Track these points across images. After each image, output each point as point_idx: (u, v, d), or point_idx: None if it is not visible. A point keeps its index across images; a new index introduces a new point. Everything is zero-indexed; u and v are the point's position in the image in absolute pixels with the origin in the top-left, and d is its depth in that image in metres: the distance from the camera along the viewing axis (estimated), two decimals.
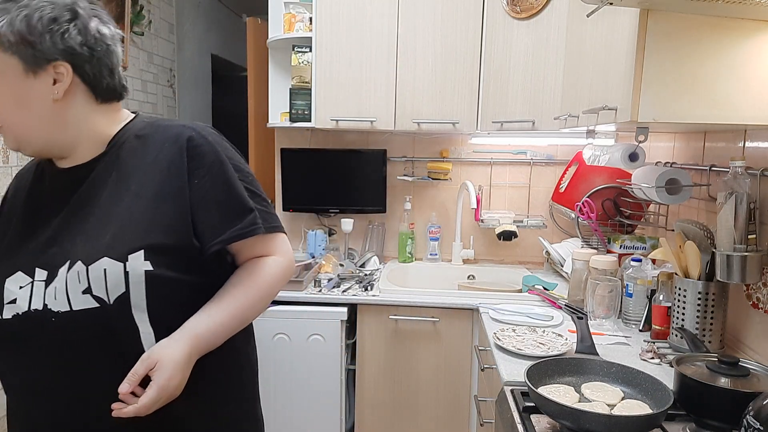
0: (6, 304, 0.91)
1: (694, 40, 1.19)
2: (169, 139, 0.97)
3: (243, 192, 0.99)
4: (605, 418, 1.06)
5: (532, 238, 2.62)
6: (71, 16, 0.91)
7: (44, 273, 0.91)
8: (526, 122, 2.12)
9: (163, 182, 0.94)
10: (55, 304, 0.89)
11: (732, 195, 1.33)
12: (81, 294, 0.88)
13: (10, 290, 0.91)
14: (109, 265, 0.88)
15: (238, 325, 0.98)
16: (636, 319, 1.73)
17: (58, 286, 0.89)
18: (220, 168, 0.97)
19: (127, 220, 0.91)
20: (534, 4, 2.06)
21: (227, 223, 0.96)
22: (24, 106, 0.91)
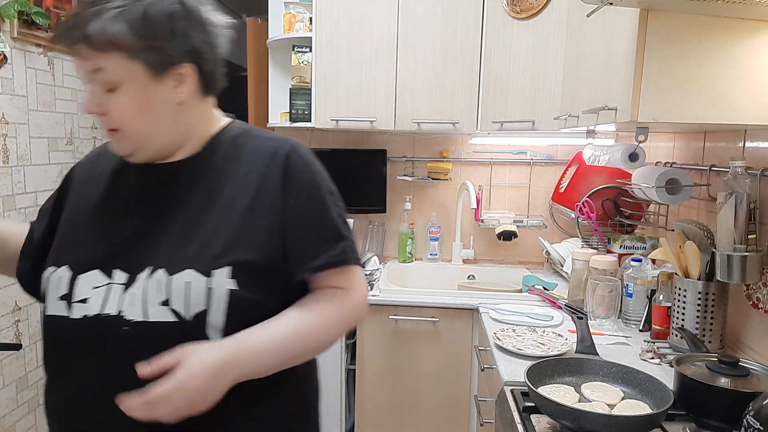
0: (75, 302, 0.84)
1: (694, 40, 1.19)
2: (266, 152, 0.92)
3: (337, 217, 0.93)
4: (605, 418, 1.06)
5: (532, 238, 2.62)
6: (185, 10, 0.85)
7: (124, 276, 0.84)
8: (526, 122, 2.12)
9: (257, 196, 0.88)
10: (131, 312, 0.82)
11: (732, 195, 1.33)
12: (159, 305, 0.82)
13: (82, 288, 0.85)
14: (193, 278, 0.82)
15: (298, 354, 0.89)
16: (636, 319, 1.73)
17: (137, 292, 0.83)
18: (316, 189, 0.92)
19: (215, 232, 0.86)
20: (534, 4, 2.06)
21: (320, 248, 0.90)
22: (147, 111, 0.86)
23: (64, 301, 0.85)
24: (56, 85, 2.08)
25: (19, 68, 1.88)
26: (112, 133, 0.87)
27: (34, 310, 2.01)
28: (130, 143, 0.88)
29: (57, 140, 2.10)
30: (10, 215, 1.87)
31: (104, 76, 0.83)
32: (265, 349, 0.84)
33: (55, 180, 2.11)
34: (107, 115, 0.85)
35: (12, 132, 1.86)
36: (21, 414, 1.96)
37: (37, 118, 1.98)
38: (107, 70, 0.83)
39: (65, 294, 0.85)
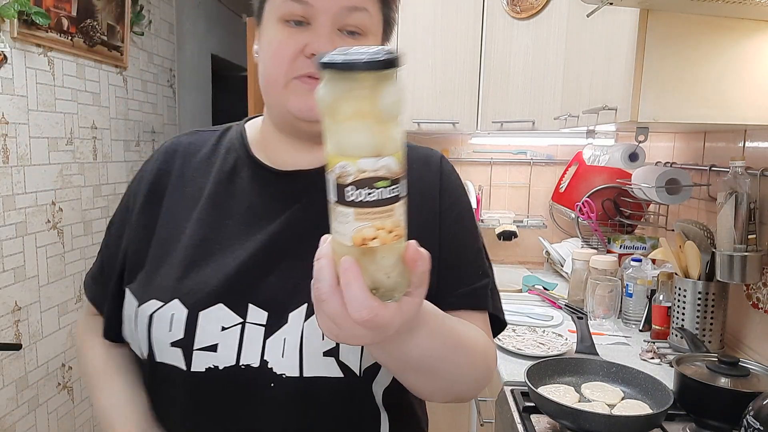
0: (198, 350, 0.65)
1: (694, 40, 1.19)
2: (418, 160, 0.76)
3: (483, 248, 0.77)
4: (605, 418, 1.06)
5: (532, 238, 2.62)
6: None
7: (263, 314, 0.65)
8: (526, 122, 2.12)
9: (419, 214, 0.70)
10: (280, 364, 0.64)
11: (732, 195, 1.33)
12: (322, 356, 0.64)
13: (206, 330, 0.65)
14: None
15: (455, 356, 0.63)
16: (636, 319, 1.73)
17: (289, 338, 0.64)
18: (469, 210, 0.77)
19: None
20: (534, 4, 2.06)
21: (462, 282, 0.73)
22: None
23: (180, 350, 0.65)
24: (56, 85, 2.08)
25: (19, 68, 1.88)
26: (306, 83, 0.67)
27: (34, 310, 2.01)
28: None
29: (57, 140, 2.10)
30: (10, 215, 1.87)
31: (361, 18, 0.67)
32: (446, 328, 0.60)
33: (55, 180, 2.11)
34: None
35: (12, 132, 1.86)
36: (21, 414, 1.95)
37: (37, 118, 1.98)
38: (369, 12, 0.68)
39: (180, 339, 0.65)
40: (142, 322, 0.68)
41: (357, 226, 0.45)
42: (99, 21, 2.29)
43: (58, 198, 2.13)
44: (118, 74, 2.56)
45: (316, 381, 0.64)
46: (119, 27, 2.46)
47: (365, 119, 0.44)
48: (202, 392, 0.66)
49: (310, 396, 0.64)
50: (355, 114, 0.44)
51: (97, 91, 2.37)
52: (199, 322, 0.65)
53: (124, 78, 2.61)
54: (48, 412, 2.10)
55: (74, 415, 2.28)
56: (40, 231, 2.03)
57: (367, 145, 0.44)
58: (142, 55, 2.81)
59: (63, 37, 2.06)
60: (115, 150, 2.53)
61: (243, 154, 0.76)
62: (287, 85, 0.66)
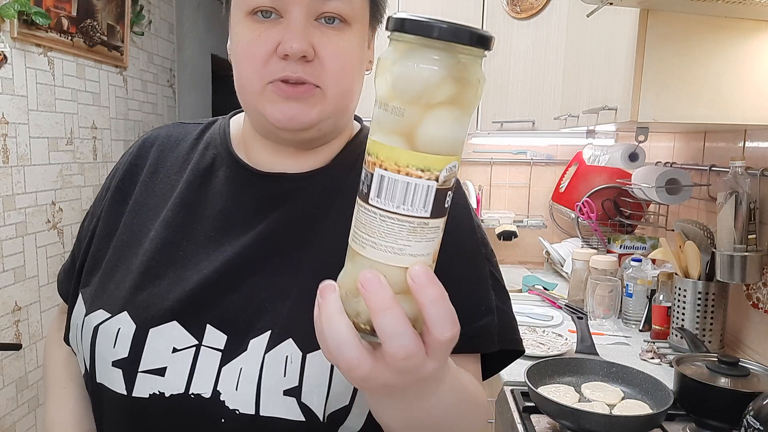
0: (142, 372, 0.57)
1: (694, 39, 1.19)
2: None
3: (487, 280, 0.65)
4: (605, 418, 1.06)
5: (532, 238, 2.62)
6: None
7: (222, 337, 0.57)
8: (526, 122, 2.12)
9: None
10: (234, 398, 0.55)
11: (732, 195, 1.33)
12: (282, 394, 0.55)
13: (155, 350, 0.57)
14: None
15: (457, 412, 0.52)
16: (636, 319, 1.73)
17: (246, 368, 0.55)
18: (476, 237, 0.66)
19: None
20: (534, 4, 2.06)
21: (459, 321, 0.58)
22: (358, 68, 0.63)
23: (120, 370, 0.57)
24: (56, 85, 2.08)
25: (19, 68, 1.88)
26: (305, 91, 0.58)
27: (34, 310, 2.01)
28: (325, 107, 0.59)
29: (57, 140, 2.10)
30: (10, 215, 1.87)
31: (339, 6, 0.58)
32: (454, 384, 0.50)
33: (55, 180, 2.11)
34: (314, 61, 0.57)
35: (12, 132, 1.86)
36: (21, 414, 1.95)
37: (37, 118, 1.98)
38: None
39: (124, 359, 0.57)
40: (86, 334, 0.60)
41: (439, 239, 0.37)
42: (99, 21, 2.29)
43: (58, 198, 2.13)
44: (118, 74, 2.56)
45: (272, 422, 0.54)
46: (119, 27, 2.46)
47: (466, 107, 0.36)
48: (143, 421, 0.57)
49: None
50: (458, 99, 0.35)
51: (97, 91, 2.37)
52: (148, 341, 0.57)
53: (124, 78, 2.61)
54: None
55: None
56: (40, 231, 2.03)
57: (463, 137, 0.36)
58: (142, 55, 2.81)
59: (63, 37, 2.06)
60: (115, 150, 2.53)
61: (223, 150, 0.67)
62: (262, 91, 0.58)
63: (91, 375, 0.60)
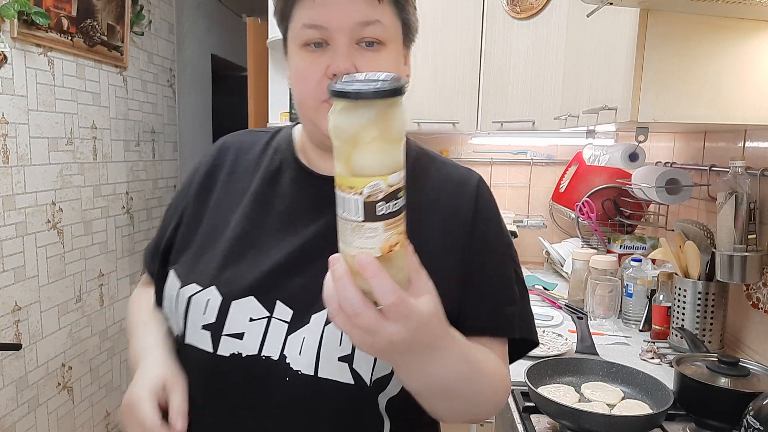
0: (226, 336, 0.69)
1: (694, 39, 1.19)
2: (453, 181, 0.79)
3: (512, 275, 0.77)
4: (605, 418, 1.06)
5: (532, 238, 2.62)
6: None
7: (288, 312, 0.69)
8: (526, 122, 2.12)
9: (446, 234, 0.74)
10: (297, 360, 0.67)
11: (732, 195, 1.33)
12: (337, 360, 0.67)
13: (236, 319, 0.69)
14: None
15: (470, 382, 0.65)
16: (636, 319, 1.73)
17: (308, 338, 0.67)
18: (502, 237, 0.78)
19: None
20: (534, 4, 2.06)
21: (485, 308, 0.74)
22: None
23: (209, 332, 0.70)
24: (56, 85, 2.08)
25: (19, 68, 1.88)
26: None
27: (34, 311, 2.01)
28: None
29: (57, 140, 2.10)
30: (10, 215, 1.87)
31: (376, 30, 0.69)
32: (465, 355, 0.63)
33: (55, 180, 2.11)
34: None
35: (12, 132, 1.86)
36: (21, 414, 1.96)
37: (37, 118, 1.98)
38: (382, 24, 0.70)
39: (212, 323, 0.70)
40: (181, 302, 0.73)
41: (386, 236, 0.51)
42: (99, 21, 2.29)
43: (58, 198, 2.13)
44: (118, 74, 2.56)
45: (327, 383, 0.67)
46: (119, 27, 2.46)
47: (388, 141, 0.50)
48: (222, 376, 0.70)
49: (319, 395, 0.67)
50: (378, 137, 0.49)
51: (97, 91, 2.37)
52: (231, 311, 0.70)
53: (124, 78, 2.61)
54: (48, 412, 2.10)
55: (74, 415, 2.28)
56: (40, 231, 2.03)
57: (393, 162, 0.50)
58: (142, 55, 2.81)
59: (63, 37, 2.06)
60: (115, 150, 2.53)
61: (289, 155, 0.80)
62: (318, 108, 0.70)
63: (183, 336, 0.73)
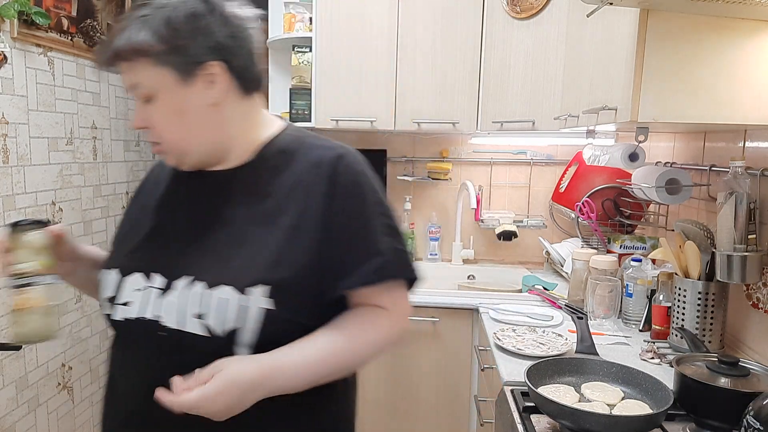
0: (118, 305, 0.87)
1: (694, 40, 1.19)
2: (311, 163, 0.88)
3: (378, 231, 0.88)
4: (605, 418, 1.06)
5: (532, 238, 2.62)
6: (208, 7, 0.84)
7: (162, 280, 0.85)
8: (526, 122, 2.12)
9: (302, 213, 0.85)
10: (167, 319, 0.83)
11: (732, 195, 1.33)
12: (193, 317, 0.82)
13: (126, 291, 0.87)
14: (230, 296, 0.81)
15: (329, 374, 0.86)
16: (636, 319, 1.73)
17: (173, 300, 0.83)
18: (361, 202, 0.88)
19: (258, 249, 0.84)
20: (534, 4, 2.06)
21: (354, 265, 0.86)
22: (182, 118, 0.86)
23: (110, 303, 0.89)
24: (56, 85, 2.08)
25: (19, 68, 1.88)
26: (155, 147, 0.89)
27: None
28: (173, 153, 0.89)
29: (57, 140, 2.10)
30: (10, 215, 1.87)
31: (140, 89, 0.85)
32: (299, 370, 0.82)
33: (55, 180, 2.11)
34: (151, 128, 0.87)
35: (12, 132, 1.86)
36: (21, 414, 1.95)
37: (37, 118, 1.98)
38: (141, 83, 0.85)
39: (111, 297, 0.89)
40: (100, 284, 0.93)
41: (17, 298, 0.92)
42: (99, 21, 2.29)
43: (58, 198, 2.13)
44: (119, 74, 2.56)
45: (189, 335, 0.82)
46: None
47: None
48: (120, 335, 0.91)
49: (184, 346, 0.83)
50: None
51: (97, 91, 2.37)
52: (122, 285, 0.88)
53: None
54: (48, 412, 2.10)
55: (74, 415, 2.28)
56: None
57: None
58: None
59: (63, 37, 2.06)
60: (115, 150, 2.53)
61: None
62: None
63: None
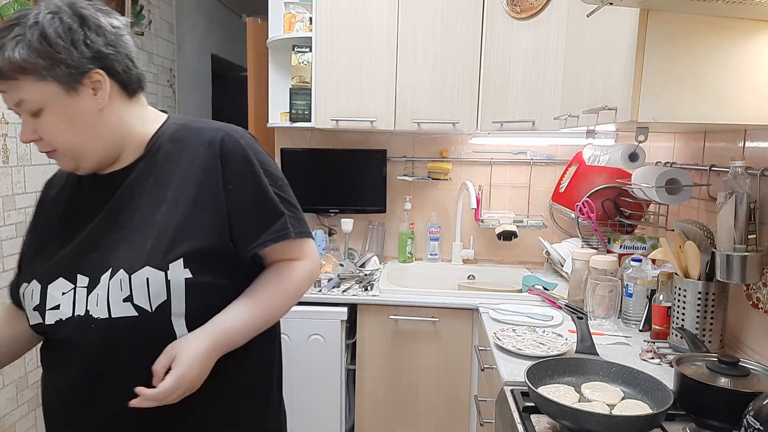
0: (48, 310, 0.93)
1: (694, 39, 1.19)
2: (203, 144, 0.99)
3: (274, 196, 1.00)
4: (605, 418, 1.06)
5: (532, 238, 2.62)
6: (81, 20, 0.90)
7: (86, 279, 0.92)
8: (526, 122, 2.12)
9: (199, 188, 0.96)
10: (96, 311, 0.90)
11: (732, 195, 1.33)
12: (122, 302, 0.90)
13: (53, 296, 0.93)
14: (151, 274, 0.90)
15: (263, 325, 1.00)
16: (636, 319, 1.73)
17: (101, 293, 0.91)
18: (252, 173, 0.99)
19: (165, 228, 0.93)
20: (534, 4, 2.06)
21: (260, 227, 0.98)
22: (74, 125, 0.92)
23: (38, 312, 0.94)
24: None
25: None
26: (51, 154, 0.95)
27: None
28: (69, 159, 0.95)
29: None
30: (10, 215, 1.87)
31: (26, 105, 0.89)
32: (239, 330, 0.96)
33: None
34: (42, 139, 0.93)
35: (12, 132, 1.86)
36: (21, 414, 1.96)
37: None
38: (27, 99, 0.89)
39: (38, 305, 0.94)
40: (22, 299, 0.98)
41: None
42: None
43: None
44: None
45: (119, 320, 0.90)
46: None
47: None
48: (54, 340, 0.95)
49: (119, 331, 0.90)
50: None
51: None
52: (49, 292, 0.93)
53: None
54: None
55: None
56: None
57: None
58: (142, 55, 2.81)
59: None
60: None
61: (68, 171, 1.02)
62: None
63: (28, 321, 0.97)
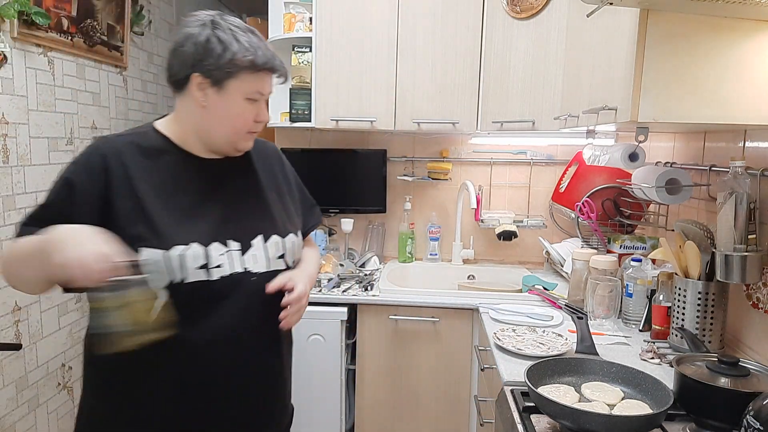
0: (211, 268, 1.09)
1: (694, 39, 1.19)
2: (270, 149, 1.33)
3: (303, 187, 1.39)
4: (605, 418, 1.06)
5: (532, 238, 2.62)
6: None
7: (237, 244, 1.13)
8: (526, 122, 2.12)
9: (283, 182, 1.31)
10: (255, 267, 1.14)
11: (732, 195, 1.33)
12: (277, 258, 1.18)
13: (213, 257, 1.10)
14: (294, 239, 1.22)
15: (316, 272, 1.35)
16: (636, 319, 1.73)
17: (257, 253, 1.15)
18: (295, 173, 1.38)
19: (280, 208, 1.24)
20: (534, 4, 2.06)
21: (308, 214, 1.36)
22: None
23: (203, 269, 1.08)
24: (56, 85, 2.08)
25: (19, 68, 1.88)
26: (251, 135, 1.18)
27: (34, 311, 2.01)
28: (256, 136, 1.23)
29: (57, 140, 2.10)
30: (10, 215, 1.87)
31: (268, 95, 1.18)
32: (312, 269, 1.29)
33: None
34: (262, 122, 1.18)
35: (12, 132, 1.86)
36: (21, 414, 1.96)
37: (37, 118, 1.98)
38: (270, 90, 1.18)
39: (204, 264, 1.09)
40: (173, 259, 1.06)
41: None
42: (99, 21, 2.29)
43: None
44: (118, 74, 2.56)
45: (275, 273, 1.16)
46: (119, 27, 2.46)
47: None
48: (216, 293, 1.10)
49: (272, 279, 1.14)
50: None
51: (97, 91, 2.37)
52: (208, 254, 1.10)
53: (124, 78, 2.61)
54: (48, 412, 2.10)
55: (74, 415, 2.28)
56: None
57: None
58: (142, 55, 2.81)
59: (63, 37, 2.06)
60: None
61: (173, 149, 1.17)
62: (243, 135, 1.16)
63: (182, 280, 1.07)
